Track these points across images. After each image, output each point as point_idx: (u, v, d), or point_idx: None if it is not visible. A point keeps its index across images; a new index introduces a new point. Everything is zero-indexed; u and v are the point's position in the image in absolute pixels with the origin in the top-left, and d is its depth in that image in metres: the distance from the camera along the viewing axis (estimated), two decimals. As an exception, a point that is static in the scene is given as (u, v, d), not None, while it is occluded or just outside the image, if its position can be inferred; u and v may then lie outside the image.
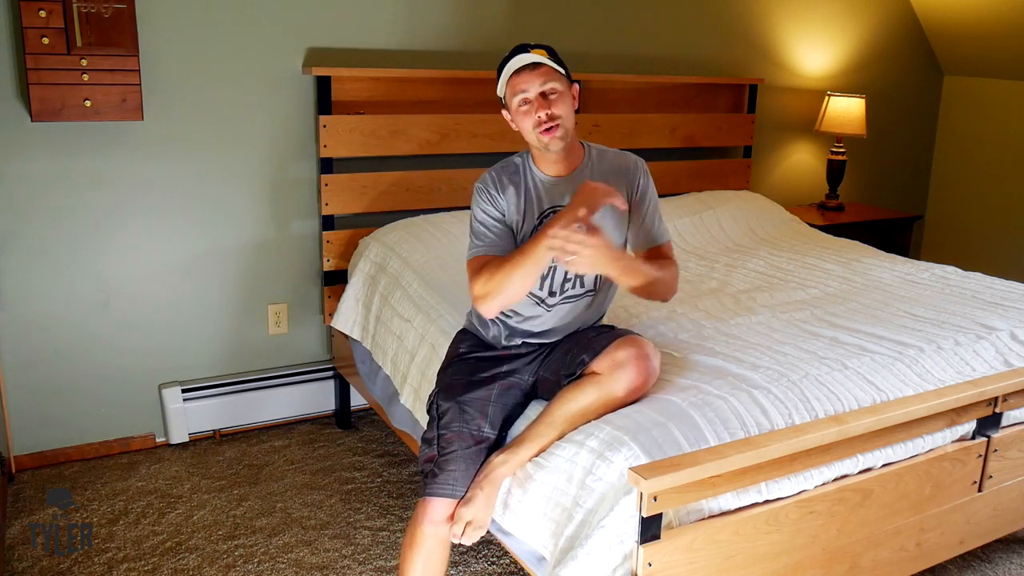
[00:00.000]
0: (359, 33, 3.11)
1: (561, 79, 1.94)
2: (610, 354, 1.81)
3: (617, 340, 1.84)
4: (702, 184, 3.83)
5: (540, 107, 1.90)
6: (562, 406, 1.80)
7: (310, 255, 3.19)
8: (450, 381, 1.99)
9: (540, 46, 1.96)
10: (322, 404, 3.28)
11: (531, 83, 1.91)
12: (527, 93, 1.92)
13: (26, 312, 2.77)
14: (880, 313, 2.48)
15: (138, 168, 2.84)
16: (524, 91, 1.92)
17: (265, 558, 2.40)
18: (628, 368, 1.79)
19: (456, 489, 1.83)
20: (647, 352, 1.82)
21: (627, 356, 1.80)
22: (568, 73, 1.98)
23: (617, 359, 1.80)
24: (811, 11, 4.13)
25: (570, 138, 1.96)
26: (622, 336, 1.87)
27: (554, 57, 1.96)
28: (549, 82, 1.91)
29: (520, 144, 2.10)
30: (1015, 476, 2.15)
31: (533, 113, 1.91)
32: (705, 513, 1.68)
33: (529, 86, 1.91)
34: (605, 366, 1.80)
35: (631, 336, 1.87)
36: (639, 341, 1.84)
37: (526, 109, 1.93)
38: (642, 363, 1.80)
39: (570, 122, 1.94)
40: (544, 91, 1.91)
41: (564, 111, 1.92)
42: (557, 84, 1.92)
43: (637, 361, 1.79)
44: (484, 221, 1.99)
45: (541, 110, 1.90)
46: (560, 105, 1.91)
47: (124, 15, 2.56)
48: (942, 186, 4.84)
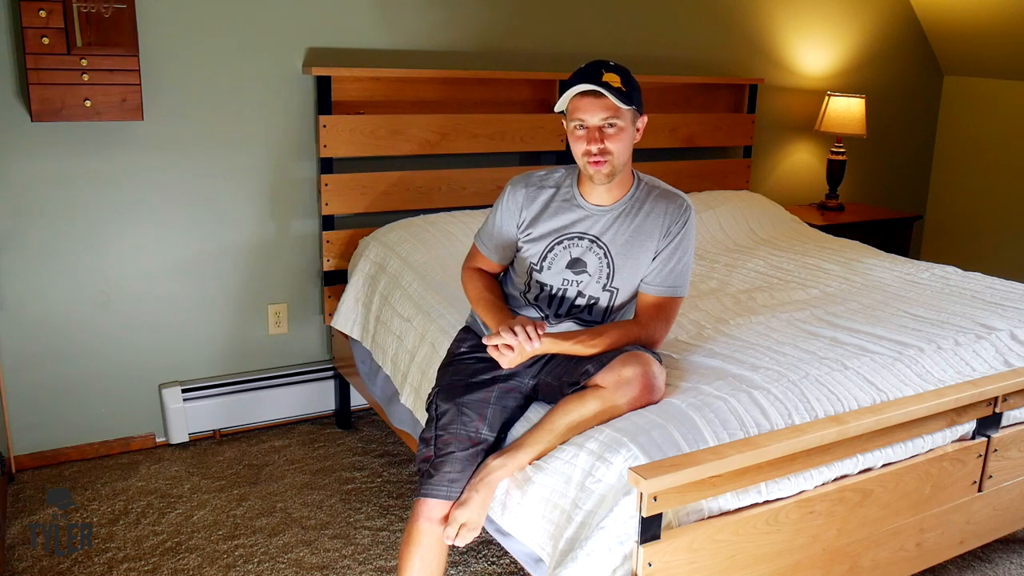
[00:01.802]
0: (359, 33, 3.11)
1: (624, 114, 1.87)
2: (616, 369, 1.79)
3: (624, 355, 1.82)
4: (702, 184, 3.83)
5: (593, 140, 1.85)
6: (564, 416, 1.79)
7: (310, 255, 3.19)
8: (449, 381, 1.98)
9: (616, 68, 1.87)
10: (322, 404, 3.28)
11: (592, 112, 1.85)
12: (585, 120, 1.86)
13: (26, 312, 2.77)
14: (880, 313, 2.48)
15: (138, 168, 2.84)
16: (582, 119, 1.86)
17: (265, 558, 2.40)
18: (634, 386, 1.77)
19: (452, 490, 1.83)
20: (653, 371, 1.80)
21: (634, 375, 1.78)
22: (638, 101, 1.90)
23: (624, 376, 1.78)
24: (811, 11, 4.13)
25: (619, 173, 1.92)
26: (628, 350, 1.85)
27: (628, 82, 1.87)
28: (611, 116, 1.85)
29: (519, 143, 2.10)
30: (1015, 476, 2.15)
31: (586, 142, 1.87)
32: (705, 513, 1.68)
33: (588, 115, 1.85)
34: (610, 381, 1.78)
35: (637, 352, 1.84)
36: (645, 359, 1.81)
37: (581, 135, 1.88)
38: (647, 381, 1.78)
39: (623, 158, 1.89)
40: (601, 125, 1.86)
41: (618, 148, 1.87)
42: (618, 120, 1.85)
43: (643, 380, 1.78)
44: (496, 223, 2.06)
45: (594, 143, 1.85)
46: (616, 141, 1.86)
47: (124, 15, 2.56)
48: (942, 186, 4.84)
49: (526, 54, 3.42)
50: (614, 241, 1.96)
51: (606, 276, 1.96)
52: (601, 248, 1.96)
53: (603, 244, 1.96)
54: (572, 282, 1.98)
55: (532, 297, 2.03)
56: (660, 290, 1.96)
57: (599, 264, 1.96)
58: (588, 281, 1.97)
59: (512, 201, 2.03)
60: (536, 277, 2.01)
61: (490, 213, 2.08)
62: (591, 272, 1.96)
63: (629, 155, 1.92)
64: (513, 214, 2.03)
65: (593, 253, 1.96)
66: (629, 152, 1.91)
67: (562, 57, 3.50)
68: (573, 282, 1.98)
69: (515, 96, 3.40)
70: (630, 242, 1.95)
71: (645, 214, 1.96)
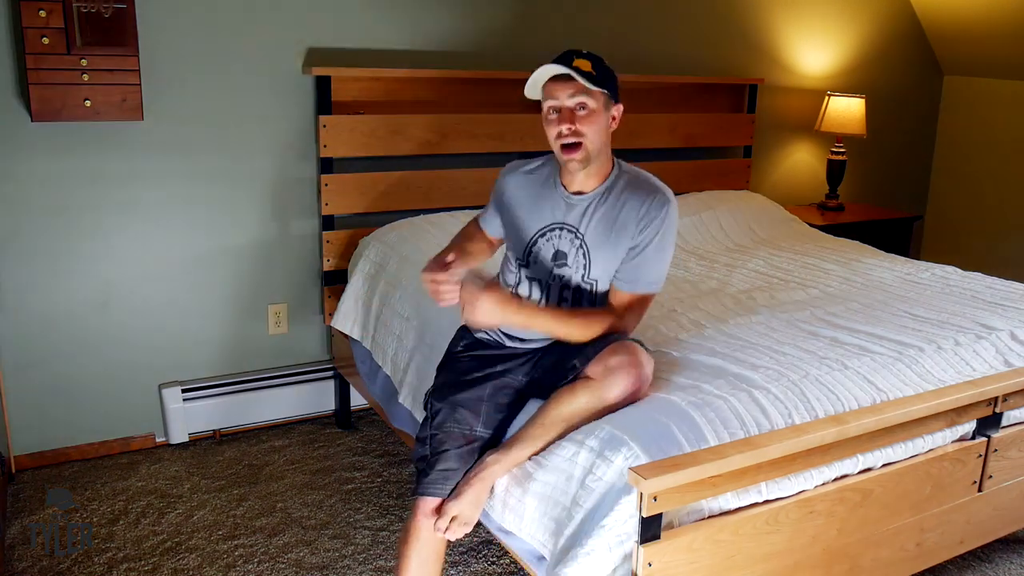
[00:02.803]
0: (359, 33, 3.11)
1: (597, 96, 1.86)
2: (603, 359, 1.80)
3: (611, 345, 1.82)
4: (702, 184, 3.83)
5: (564, 120, 1.85)
6: (555, 409, 1.80)
7: (310, 255, 3.19)
8: (444, 380, 2.00)
9: (588, 56, 1.87)
10: (322, 404, 3.28)
11: (563, 93, 1.85)
12: (557, 101, 1.86)
13: (26, 312, 2.77)
14: (880, 313, 2.47)
15: (138, 168, 2.84)
16: (555, 99, 1.87)
17: (265, 558, 2.40)
18: (620, 374, 1.78)
19: (447, 487, 1.84)
20: (640, 359, 1.80)
21: (620, 362, 1.78)
22: (612, 88, 1.89)
23: (610, 365, 1.78)
24: (811, 11, 4.13)
25: (594, 161, 1.91)
26: (615, 341, 1.85)
27: (599, 69, 1.87)
28: (580, 96, 1.84)
29: (519, 144, 2.11)
30: (1015, 476, 2.15)
31: (557, 124, 1.86)
32: (705, 513, 1.68)
33: (560, 95, 1.85)
34: (598, 371, 1.79)
35: (624, 342, 1.84)
36: (632, 347, 1.82)
37: (553, 118, 1.88)
38: (635, 370, 1.78)
39: (596, 143, 1.87)
40: (572, 105, 1.85)
41: (590, 130, 1.86)
42: (590, 100, 1.85)
43: (629, 368, 1.78)
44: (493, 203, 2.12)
45: (564, 124, 1.85)
46: (588, 123, 1.85)
47: (124, 15, 2.56)
48: (942, 186, 4.84)
49: (526, 54, 3.42)
50: (589, 231, 1.93)
51: (583, 268, 1.94)
52: (578, 239, 1.94)
53: (580, 235, 1.94)
54: (556, 276, 1.96)
55: (524, 293, 2.02)
56: (631, 287, 1.92)
57: (576, 255, 1.94)
58: (569, 272, 1.95)
59: (503, 187, 2.08)
60: (526, 272, 2.00)
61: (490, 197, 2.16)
62: (571, 264, 1.95)
63: (604, 141, 1.90)
64: (499, 203, 2.08)
65: (572, 244, 1.94)
66: (603, 137, 1.89)
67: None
68: (557, 276, 1.96)
69: (515, 96, 3.35)
70: (605, 233, 1.92)
71: (621, 205, 1.92)
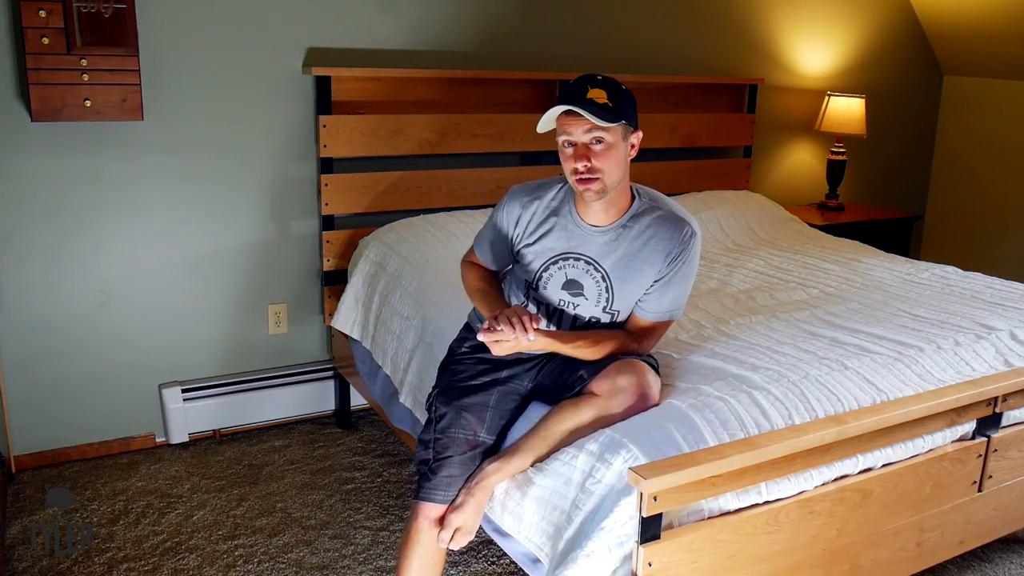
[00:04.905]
0: (359, 33, 3.11)
1: (612, 129, 1.77)
2: (611, 377, 1.79)
3: (618, 363, 1.81)
4: (702, 184, 3.83)
5: (580, 157, 1.77)
6: (559, 423, 1.79)
7: (310, 255, 3.19)
8: (449, 383, 1.98)
9: (604, 83, 1.78)
10: (322, 404, 3.28)
11: (577, 128, 1.77)
12: (571, 136, 1.79)
13: (26, 312, 2.77)
14: (880, 313, 2.47)
15: (138, 168, 2.84)
16: (569, 133, 1.79)
17: (265, 558, 2.40)
18: (628, 395, 1.77)
19: (449, 493, 1.83)
20: (648, 380, 1.80)
21: (628, 384, 1.77)
22: (629, 115, 1.80)
23: (618, 385, 1.77)
24: (811, 11, 4.13)
25: (612, 192, 1.83)
26: (623, 359, 1.84)
27: (616, 98, 1.78)
28: (597, 131, 1.76)
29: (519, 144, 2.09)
30: (1015, 476, 2.15)
31: (574, 160, 1.79)
32: (705, 513, 1.68)
33: (575, 130, 1.77)
34: (605, 389, 1.78)
35: (632, 361, 1.83)
36: (640, 368, 1.81)
37: (569, 152, 1.80)
38: (643, 392, 1.78)
39: (614, 176, 1.79)
40: (588, 140, 1.77)
41: (608, 165, 1.77)
42: (607, 135, 1.77)
43: (637, 389, 1.78)
44: (493, 228, 2.02)
45: (580, 160, 1.77)
46: (605, 158, 1.77)
47: (124, 15, 2.56)
48: (942, 186, 4.84)
49: (526, 54, 3.42)
50: (613, 265, 1.88)
51: (606, 300, 1.91)
52: (599, 271, 1.89)
53: (601, 268, 1.89)
54: (569, 303, 1.93)
55: (533, 311, 2.01)
56: (656, 316, 1.92)
57: (597, 289, 1.91)
58: (586, 304, 1.92)
59: (508, 215, 1.97)
60: (534, 295, 1.98)
61: (488, 219, 2.05)
62: (588, 296, 1.91)
63: (622, 172, 1.83)
64: (508, 228, 1.98)
65: (591, 276, 1.90)
66: (622, 169, 1.82)
67: (562, 57, 3.50)
68: (570, 303, 1.93)
69: (515, 96, 3.40)
70: (629, 267, 1.88)
71: (646, 239, 1.87)
